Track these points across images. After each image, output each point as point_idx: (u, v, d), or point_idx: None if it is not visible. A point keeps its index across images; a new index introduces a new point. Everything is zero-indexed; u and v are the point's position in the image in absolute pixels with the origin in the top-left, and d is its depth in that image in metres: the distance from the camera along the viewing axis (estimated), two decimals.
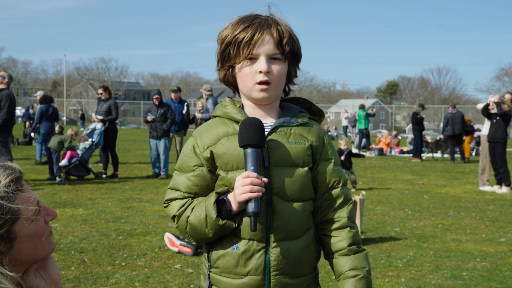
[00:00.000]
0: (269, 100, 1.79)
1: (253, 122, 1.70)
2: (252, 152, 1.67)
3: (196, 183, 1.77)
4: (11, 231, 1.41)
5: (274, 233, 1.72)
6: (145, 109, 15.77)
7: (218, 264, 1.76)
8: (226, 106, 1.83)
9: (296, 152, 1.75)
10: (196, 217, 1.72)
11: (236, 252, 1.73)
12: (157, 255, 5.36)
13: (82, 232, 6.29)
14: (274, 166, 1.73)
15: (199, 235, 1.75)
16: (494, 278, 4.89)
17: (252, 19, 1.76)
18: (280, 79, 1.77)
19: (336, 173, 1.83)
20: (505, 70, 59.61)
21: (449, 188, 11.06)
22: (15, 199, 1.42)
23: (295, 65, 1.82)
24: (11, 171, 1.45)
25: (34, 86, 70.69)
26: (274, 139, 1.75)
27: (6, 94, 9.29)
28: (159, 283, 4.52)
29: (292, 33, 1.78)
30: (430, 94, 70.21)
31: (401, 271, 5.02)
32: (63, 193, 9.21)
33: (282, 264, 1.73)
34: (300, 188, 1.75)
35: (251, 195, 1.63)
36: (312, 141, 1.79)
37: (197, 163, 1.78)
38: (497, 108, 10.45)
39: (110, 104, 11.57)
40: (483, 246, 6.09)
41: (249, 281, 1.73)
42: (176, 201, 1.80)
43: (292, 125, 1.79)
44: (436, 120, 56.57)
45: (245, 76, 1.76)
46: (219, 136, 1.77)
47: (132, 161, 14.87)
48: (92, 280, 4.55)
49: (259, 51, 1.73)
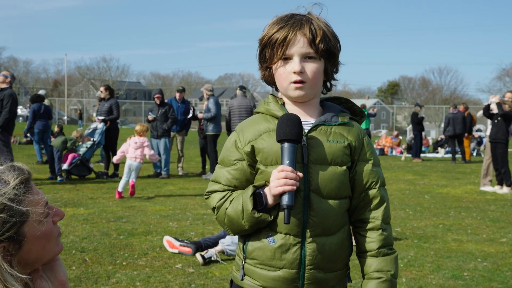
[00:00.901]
0: (306, 98, 1.83)
1: (290, 117, 1.74)
2: (289, 147, 1.71)
3: (236, 177, 1.82)
4: (20, 233, 1.41)
5: (311, 229, 1.76)
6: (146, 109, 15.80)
7: (254, 256, 1.81)
8: (269, 103, 1.87)
9: (335, 150, 1.79)
10: (234, 209, 1.77)
11: (272, 245, 1.77)
12: (158, 255, 5.36)
13: (83, 231, 6.29)
14: (313, 163, 1.77)
15: (236, 227, 1.79)
16: (495, 278, 4.88)
17: (287, 19, 1.79)
18: (315, 78, 1.79)
19: (374, 174, 1.86)
20: (506, 70, 59.56)
21: (450, 188, 11.05)
22: (24, 201, 1.42)
23: (332, 62, 1.84)
24: (20, 172, 1.45)
25: (35, 85, 70.67)
26: (314, 137, 1.79)
27: (8, 94, 9.30)
28: (160, 282, 4.53)
29: (328, 30, 1.80)
30: (431, 94, 70.12)
31: (402, 271, 5.02)
32: (64, 192, 9.22)
33: (317, 259, 1.77)
34: (338, 186, 1.79)
35: (285, 189, 1.67)
36: (351, 141, 1.83)
37: (237, 157, 1.83)
38: (498, 109, 10.45)
39: (111, 103, 11.56)
40: (484, 246, 6.09)
41: (284, 274, 1.77)
42: (217, 193, 1.85)
43: (333, 124, 1.83)
44: (437, 120, 56.51)
45: (280, 76, 1.81)
46: (260, 132, 1.82)
47: None
48: (93, 280, 4.55)
49: (292, 52, 1.76)
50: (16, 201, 1.40)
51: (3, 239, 1.38)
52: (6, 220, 1.38)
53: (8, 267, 1.38)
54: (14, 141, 18.74)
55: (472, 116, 18.12)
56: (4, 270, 1.38)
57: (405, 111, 63.70)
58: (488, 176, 10.97)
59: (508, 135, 10.61)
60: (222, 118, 12.74)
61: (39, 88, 57.83)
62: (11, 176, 1.43)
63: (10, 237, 1.39)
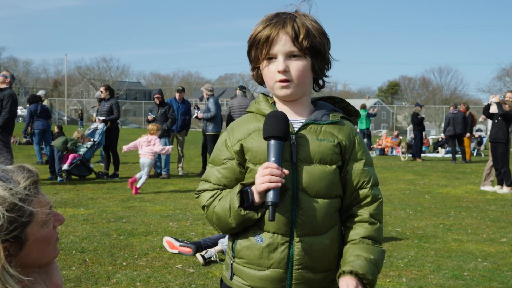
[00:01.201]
0: (293, 97, 1.82)
1: (277, 115, 1.74)
2: (275, 144, 1.70)
3: (225, 176, 1.83)
4: (23, 233, 1.42)
5: (299, 228, 1.75)
6: (146, 109, 15.81)
7: (242, 255, 1.80)
8: (259, 102, 1.88)
9: (324, 149, 1.78)
10: (221, 207, 1.77)
11: (260, 244, 1.76)
12: (158, 255, 5.36)
13: (83, 232, 6.29)
14: (301, 162, 1.76)
15: (223, 225, 1.79)
16: (496, 278, 4.88)
17: (271, 18, 1.78)
18: (301, 76, 1.78)
19: (366, 173, 1.83)
20: (506, 70, 59.54)
21: (450, 188, 11.05)
22: (33, 202, 1.44)
23: (319, 59, 1.81)
24: (30, 173, 1.47)
25: (35, 85, 70.73)
26: (304, 135, 1.78)
27: (8, 94, 9.30)
28: (160, 283, 4.52)
29: (313, 27, 1.78)
30: (432, 94, 70.15)
31: (402, 271, 5.02)
32: (64, 192, 9.22)
33: (305, 259, 1.76)
34: (327, 185, 1.77)
35: (269, 185, 1.66)
36: (341, 140, 1.81)
37: (227, 156, 1.83)
38: (498, 109, 10.45)
39: (111, 103, 11.56)
40: (484, 246, 6.09)
41: (271, 273, 1.76)
42: (206, 192, 1.86)
43: (323, 123, 1.82)
44: (437, 120, 56.51)
45: (266, 76, 1.82)
46: (250, 131, 1.82)
47: (133, 161, 14.86)
48: (93, 280, 4.55)
49: (275, 51, 1.76)
50: (26, 201, 1.42)
51: (7, 238, 1.39)
52: (15, 219, 1.39)
53: (9, 268, 1.38)
54: (14, 141, 18.76)
55: (473, 116, 18.10)
56: (6, 271, 1.38)
57: (405, 111, 63.69)
58: (491, 176, 10.96)
59: (509, 135, 10.61)
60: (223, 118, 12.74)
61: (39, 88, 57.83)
62: (22, 177, 1.44)
63: (13, 237, 1.40)
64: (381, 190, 1.97)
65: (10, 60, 72.20)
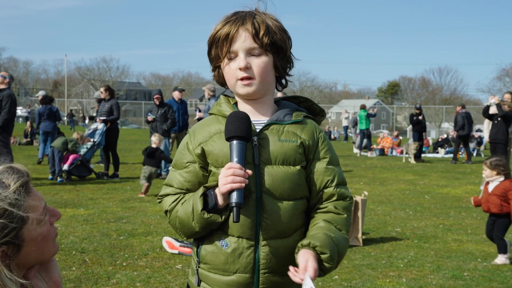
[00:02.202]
0: (256, 95, 1.78)
1: (238, 115, 1.71)
2: (237, 144, 1.67)
3: (188, 179, 1.78)
4: (19, 236, 1.40)
5: (264, 232, 1.71)
6: (146, 109, 15.81)
7: (207, 260, 1.76)
8: (221, 104, 1.84)
9: (287, 150, 1.74)
10: (184, 211, 1.73)
11: (225, 249, 1.72)
12: (158, 255, 5.36)
13: (83, 232, 6.29)
14: (264, 163, 1.72)
15: (187, 229, 1.75)
16: (495, 278, 4.88)
17: (230, 16, 1.76)
18: (263, 73, 1.75)
19: (330, 171, 1.79)
20: (506, 71, 59.47)
21: (450, 188, 11.05)
22: (24, 205, 1.41)
23: (281, 56, 1.78)
24: (20, 174, 1.44)
25: (35, 86, 70.77)
26: (265, 136, 1.74)
27: (7, 94, 9.30)
28: (160, 283, 4.52)
29: (274, 24, 1.75)
30: (431, 95, 70.09)
31: (402, 271, 5.02)
32: (64, 193, 9.22)
33: (271, 263, 1.72)
34: (291, 187, 1.73)
35: (232, 186, 1.62)
36: (304, 140, 1.77)
37: (189, 160, 1.79)
38: (498, 110, 10.46)
39: (111, 104, 11.57)
40: (484, 246, 6.09)
41: (237, 278, 1.73)
42: (169, 196, 1.81)
43: (285, 123, 1.77)
44: (437, 121, 56.51)
45: (227, 74, 1.78)
46: (211, 133, 1.78)
47: (133, 161, 14.87)
48: (93, 280, 4.55)
49: (236, 48, 1.73)
50: (16, 206, 1.39)
51: (2, 243, 1.37)
52: (6, 225, 1.37)
53: (8, 272, 1.37)
54: (14, 142, 18.77)
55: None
56: (4, 275, 1.36)
57: (405, 111, 63.68)
58: None
59: (508, 136, 10.62)
60: None
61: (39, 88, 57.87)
62: (11, 179, 1.41)
63: (9, 242, 1.38)
64: (381, 190, 1.96)
65: (10, 60, 72.15)
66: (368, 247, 5.93)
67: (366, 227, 6.75)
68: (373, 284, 4.67)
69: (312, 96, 69.88)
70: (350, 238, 6.05)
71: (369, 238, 6.32)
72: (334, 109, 67.31)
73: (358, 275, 4.91)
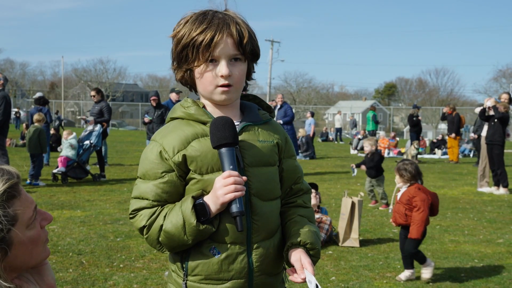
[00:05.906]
0: (231, 101, 1.76)
1: (224, 120, 1.66)
2: (228, 151, 1.64)
3: (166, 190, 1.69)
4: (7, 239, 1.37)
5: (255, 234, 1.71)
6: (143, 111, 15.78)
7: (197, 272, 1.70)
8: (189, 107, 1.75)
9: (267, 151, 1.76)
10: (173, 224, 1.64)
11: (217, 257, 1.68)
12: (155, 257, 5.35)
13: (80, 234, 6.28)
14: (249, 166, 1.71)
15: (176, 243, 1.67)
16: (492, 279, 4.89)
17: (210, 19, 1.67)
18: (241, 80, 1.73)
19: (298, 169, 1.88)
20: (502, 72, 59.66)
21: (447, 189, 11.07)
22: (13, 206, 1.39)
23: (253, 62, 1.79)
24: (9, 176, 1.41)
25: (32, 87, 70.62)
26: (245, 139, 1.73)
27: (1, 96, 9.28)
28: (157, 285, 4.52)
29: (251, 30, 1.73)
30: (428, 96, 70.25)
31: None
32: (61, 195, 9.20)
33: (263, 264, 1.73)
34: (273, 187, 1.77)
35: (236, 194, 1.60)
36: (278, 139, 1.81)
37: (165, 169, 1.69)
38: (495, 112, 10.50)
39: (102, 106, 11.68)
40: (481, 247, 6.10)
41: (232, 285, 1.70)
42: (144, 210, 1.70)
43: (258, 124, 1.79)
44: (434, 122, 56.62)
45: (205, 80, 1.70)
46: (188, 139, 1.69)
47: (130, 163, 14.85)
48: (90, 282, 4.54)
49: (219, 54, 1.66)
50: (3, 207, 1.36)
51: None
52: None
53: None
54: (10, 144, 18.73)
55: (460, 117, 18.00)
56: None
57: (402, 113, 63.79)
58: (485, 178, 11.03)
59: (505, 137, 10.66)
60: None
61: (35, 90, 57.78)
62: (0, 181, 1.38)
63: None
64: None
65: (7, 62, 71.98)
66: (365, 248, 5.94)
67: (363, 228, 6.76)
68: (370, 285, 4.68)
69: (309, 97, 69.98)
70: (347, 239, 6.07)
71: (366, 239, 6.32)
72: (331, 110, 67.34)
73: (355, 276, 4.92)
